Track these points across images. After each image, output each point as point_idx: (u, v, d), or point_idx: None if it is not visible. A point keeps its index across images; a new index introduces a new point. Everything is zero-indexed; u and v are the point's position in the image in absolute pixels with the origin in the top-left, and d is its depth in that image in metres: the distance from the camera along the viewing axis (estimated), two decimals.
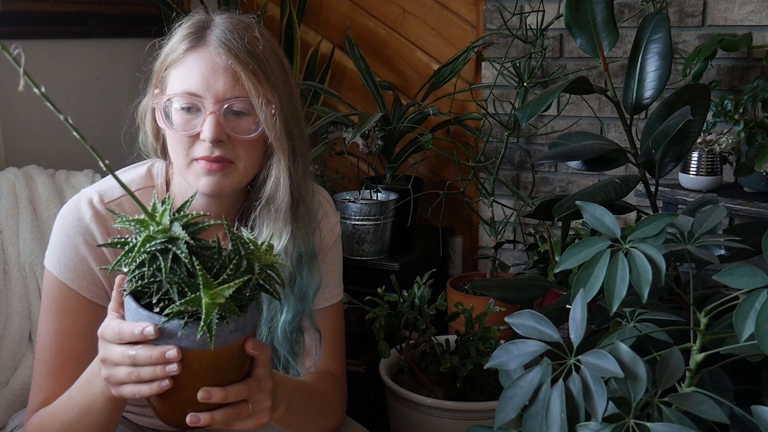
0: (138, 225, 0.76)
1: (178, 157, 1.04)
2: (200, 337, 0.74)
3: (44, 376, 1.03)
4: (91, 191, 1.08)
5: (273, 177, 1.07)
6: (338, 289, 1.23)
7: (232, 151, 1.03)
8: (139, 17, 2.19)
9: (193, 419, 0.80)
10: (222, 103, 1.01)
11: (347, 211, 2.04)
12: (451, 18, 2.31)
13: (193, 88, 1.01)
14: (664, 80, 1.30)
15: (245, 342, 0.80)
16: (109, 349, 0.81)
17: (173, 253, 0.74)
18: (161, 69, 1.06)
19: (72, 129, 0.67)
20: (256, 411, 0.86)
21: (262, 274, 0.79)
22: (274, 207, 1.07)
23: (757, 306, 0.74)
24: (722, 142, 1.82)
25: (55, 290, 1.04)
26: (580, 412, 0.76)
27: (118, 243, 0.76)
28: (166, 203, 0.77)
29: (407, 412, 1.58)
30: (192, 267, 0.74)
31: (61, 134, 1.95)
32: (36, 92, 0.61)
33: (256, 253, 0.79)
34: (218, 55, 1.01)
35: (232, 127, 1.02)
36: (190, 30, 1.04)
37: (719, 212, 0.91)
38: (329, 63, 2.42)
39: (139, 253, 0.75)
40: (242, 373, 0.84)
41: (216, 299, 0.73)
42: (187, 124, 1.02)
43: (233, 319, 0.76)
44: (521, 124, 2.20)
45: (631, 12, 2.04)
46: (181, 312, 0.74)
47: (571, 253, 0.86)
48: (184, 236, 0.75)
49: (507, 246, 2.31)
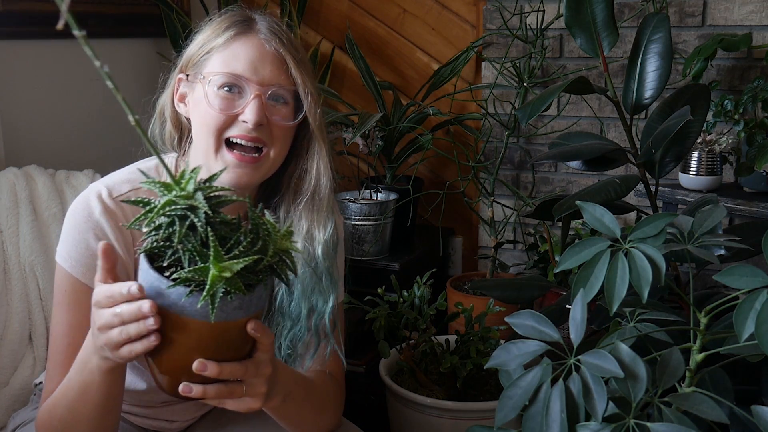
0: (162, 188, 0.77)
1: (210, 138, 1.05)
2: (201, 306, 0.74)
3: (57, 367, 1.04)
4: (100, 186, 1.08)
5: (315, 167, 1.10)
6: (341, 289, 1.23)
7: (268, 135, 1.05)
8: (139, 17, 2.19)
9: (185, 389, 0.81)
10: (267, 88, 1.04)
11: (347, 211, 2.04)
12: (451, 18, 2.31)
13: (239, 70, 1.04)
14: (664, 80, 1.30)
15: (248, 322, 0.80)
16: (102, 313, 0.83)
17: (191, 220, 0.75)
18: (199, 53, 1.07)
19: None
20: (249, 394, 0.86)
21: (275, 258, 0.79)
22: (319, 197, 1.10)
23: (757, 306, 0.74)
24: (722, 142, 1.82)
25: (67, 285, 1.05)
26: (580, 412, 0.76)
27: (141, 202, 0.77)
28: (193, 172, 0.77)
29: (407, 412, 1.58)
30: (206, 237, 0.75)
31: (61, 134, 1.96)
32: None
33: (273, 236, 0.79)
34: (268, 41, 1.05)
35: (272, 112, 1.05)
36: (236, 18, 1.07)
37: (719, 212, 0.91)
38: (329, 63, 2.42)
39: (157, 215, 0.75)
40: (242, 354, 0.84)
41: (223, 272, 0.73)
42: (228, 103, 1.04)
43: (238, 296, 0.76)
44: (521, 124, 2.20)
45: (631, 12, 2.04)
46: (189, 280, 0.75)
47: (571, 253, 0.86)
48: (204, 206, 0.75)
49: (507, 246, 2.31)
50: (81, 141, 2.03)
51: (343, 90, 2.48)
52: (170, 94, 1.11)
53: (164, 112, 1.13)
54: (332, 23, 2.45)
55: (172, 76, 1.11)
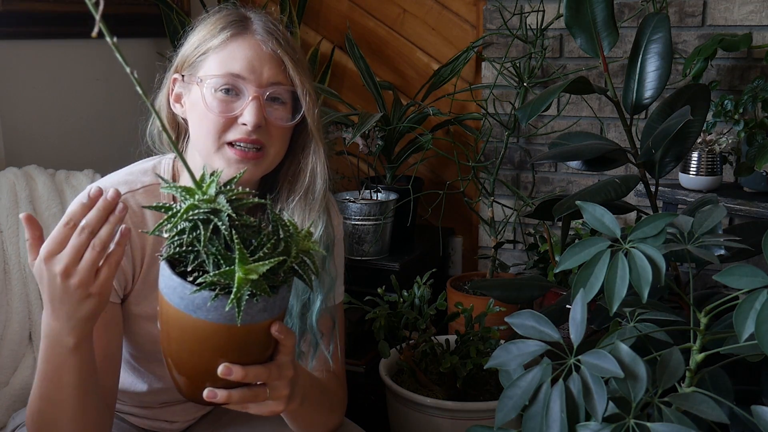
0: (184, 192, 0.76)
1: (208, 140, 1.04)
2: (228, 310, 0.74)
3: None
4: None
5: (310, 166, 1.10)
6: (340, 289, 1.23)
7: (266, 136, 1.05)
8: (139, 17, 2.19)
9: (210, 394, 0.80)
10: (265, 89, 1.03)
11: (347, 211, 2.04)
12: (451, 18, 2.31)
13: (237, 70, 1.03)
14: (664, 80, 1.30)
15: (272, 324, 0.80)
16: (61, 254, 0.82)
17: (214, 224, 0.75)
18: (194, 54, 1.06)
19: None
20: (273, 397, 0.85)
21: (298, 258, 0.79)
22: (312, 196, 1.10)
23: (757, 306, 0.74)
24: (722, 142, 1.82)
25: None
26: (580, 412, 0.76)
27: (162, 207, 0.77)
28: (214, 175, 0.77)
29: (407, 412, 1.58)
30: (231, 240, 0.74)
31: (61, 134, 1.96)
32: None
33: (295, 237, 0.79)
34: (264, 42, 1.04)
35: (270, 113, 1.04)
36: (232, 18, 1.06)
37: (719, 212, 0.91)
38: (329, 63, 2.42)
39: (181, 219, 0.75)
40: (265, 356, 0.84)
41: (249, 275, 0.73)
42: (226, 106, 1.03)
43: (263, 298, 0.76)
44: (521, 124, 2.20)
45: (631, 12, 2.04)
46: (213, 284, 0.74)
47: (571, 253, 0.86)
48: (227, 209, 0.75)
49: (507, 246, 2.31)
50: (81, 141, 2.03)
51: (343, 90, 2.48)
52: (165, 94, 1.11)
53: (160, 113, 1.12)
54: (332, 23, 2.45)
55: (168, 77, 1.10)
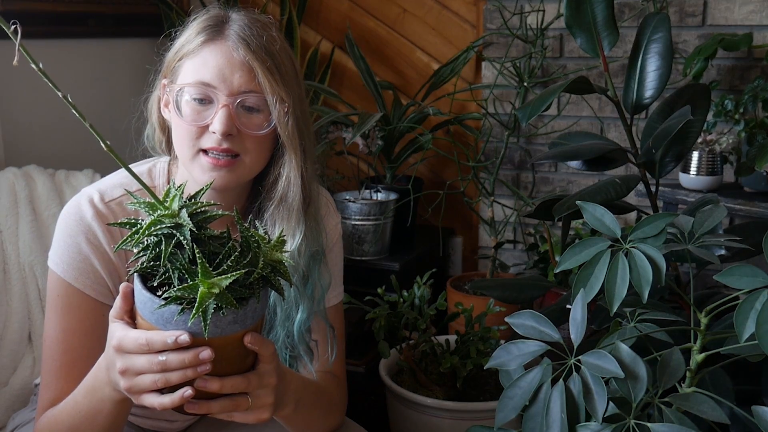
0: (148, 208, 0.77)
1: (184, 148, 1.04)
2: (193, 324, 0.74)
3: (53, 375, 1.03)
4: (92, 190, 1.08)
5: (284, 176, 1.07)
6: (339, 290, 1.23)
7: (240, 145, 1.03)
8: (139, 17, 2.19)
9: (190, 407, 0.80)
10: (236, 97, 1.01)
11: (347, 211, 2.04)
12: (451, 18, 2.31)
13: (207, 78, 1.01)
14: (665, 80, 1.30)
15: (245, 335, 0.80)
16: (132, 359, 0.80)
17: (177, 239, 0.75)
18: (174, 59, 1.05)
19: (71, 107, 0.67)
20: (256, 406, 0.85)
21: (266, 269, 0.79)
22: (286, 206, 1.07)
23: (757, 306, 0.74)
24: (722, 141, 1.82)
25: (59, 289, 1.04)
26: (581, 412, 0.76)
27: (128, 224, 0.77)
28: (177, 189, 0.77)
29: (407, 412, 1.58)
30: (193, 255, 0.75)
31: (60, 134, 1.95)
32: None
33: (263, 248, 0.79)
34: (236, 49, 1.01)
35: (242, 122, 1.02)
36: (208, 23, 1.04)
37: (719, 212, 0.91)
38: (329, 63, 2.42)
39: (144, 235, 0.76)
40: (244, 367, 0.84)
41: (212, 288, 0.73)
42: (197, 115, 1.02)
43: (231, 310, 0.76)
44: (521, 124, 2.20)
45: (631, 12, 2.04)
46: (180, 298, 0.75)
47: (571, 253, 0.86)
48: (188, 223, 0.75)
49: (507, 246, 2.31)
50: (81, 141, 2.02)
51: (343, 90, 2.48)
52: (156, 99, 1.10)
53: (152, 117, 1.12)
54: (332, 23, 2.45)
55: (158, 81, 1.10)
